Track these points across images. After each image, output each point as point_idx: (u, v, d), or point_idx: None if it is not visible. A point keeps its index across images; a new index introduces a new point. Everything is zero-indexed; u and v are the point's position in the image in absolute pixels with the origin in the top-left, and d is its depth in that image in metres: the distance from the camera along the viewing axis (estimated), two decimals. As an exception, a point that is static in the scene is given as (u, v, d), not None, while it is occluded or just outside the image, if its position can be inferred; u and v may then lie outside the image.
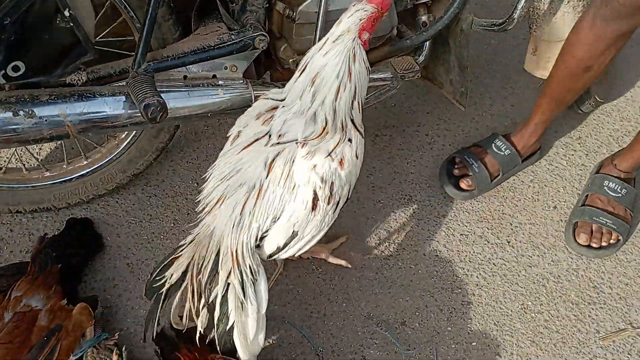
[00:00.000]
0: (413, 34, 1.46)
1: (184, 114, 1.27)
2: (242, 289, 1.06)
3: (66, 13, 1.01)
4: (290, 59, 1.36)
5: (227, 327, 1.07)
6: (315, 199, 1.07)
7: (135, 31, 1.27)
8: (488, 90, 1.91)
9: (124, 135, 1.46)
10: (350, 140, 1.08)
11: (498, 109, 1.86)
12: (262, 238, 1.10)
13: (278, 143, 1.07)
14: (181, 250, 1.11)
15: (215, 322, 1.08)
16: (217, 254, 1.08)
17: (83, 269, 1.42)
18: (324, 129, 1.07)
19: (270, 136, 1.08)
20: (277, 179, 1.06)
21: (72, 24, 1.03)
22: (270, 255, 1.14)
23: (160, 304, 1.10)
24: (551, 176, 1.72)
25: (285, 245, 1.12)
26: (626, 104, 1.91)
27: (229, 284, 1.07)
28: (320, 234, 1.14)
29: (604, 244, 1.52)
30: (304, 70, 1.08)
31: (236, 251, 1.07)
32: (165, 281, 1.10)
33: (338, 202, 1.11)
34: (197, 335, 1.11)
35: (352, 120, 1.09)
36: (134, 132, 1.43)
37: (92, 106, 1.18)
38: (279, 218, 1.08)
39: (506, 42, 2.04)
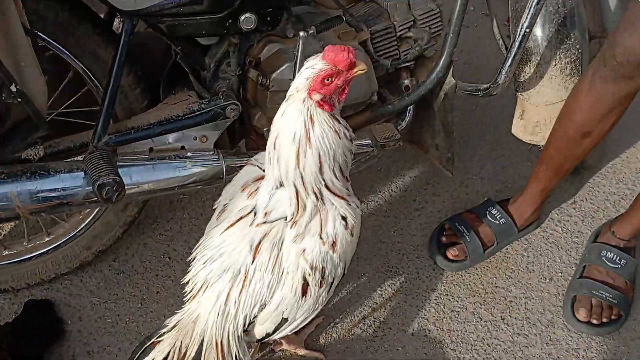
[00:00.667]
0: (395, 99, 1.39)
1: (148, 188, 1.18)
2: None
3: (12, 88, 0.93)
4: (265, 127, 1.28)
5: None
6: (305, 284, 0.99)
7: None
8: (477, 152, 1.84)
9: (88, 210, 1.36)
10: (344, 218, 0.99)
11: (488, 172, 1.78)
12: (249, 323, 1.04)
13: (265, 222, 0.98)
14: (163, 335, 1.03)
15: None
16: (201, 344, 1.00)
17: (39, 359, 1.29)
18: (297, 198, 0.97)
19: (255, 214, 0.99)
20: (264, 265, 0.98)
21: (20, 100, 0.96)
22: (260, 340, 1.08)
23: None
24: (546, 244, 1.62)
25: (276, 330, 1.05)
26: (622, 165, 1.83)
27: None
28: (313, 314, 1.07)
29: (604, 320, 1.41)
30: (270, 133, 0.97)
31: (221, 342, 1.00)
32: None
33: (332, 282, 1.04)
34: None
35: (329, 189, 0.98)
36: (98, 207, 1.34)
37: (46, 184, 1.09)
38: (266, 305, 1.01)
39: (495, 101, 1.98)
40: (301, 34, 1.18)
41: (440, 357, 1.37)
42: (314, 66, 0.91)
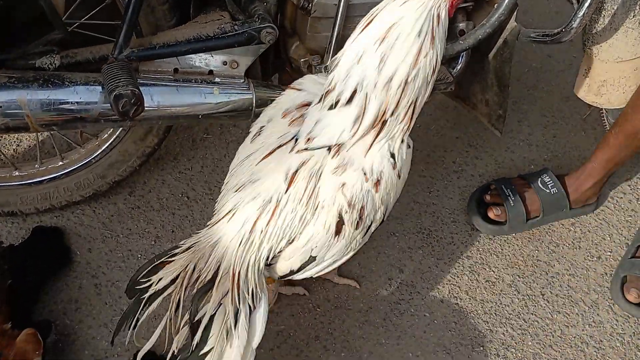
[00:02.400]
0: (449, 42, 1.25)
1: (169, 112, 1.07)
2: (235, 315, 0.89)
3: (26, -24, 0.83)
4: (302, 58, 1.16)
5: (201, 353, 0.87)
6: (340, 222, 0.89)
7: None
8: (527, 117, 1.69)
9: (106, 135, 1.27)
10: (393, 156, 0.87)
11: (537, 139, 1.64)
12: (273, 257, 0.94)
13: (306, 149, 0.87)
14: (174, 255, 0.93)
15: (193, 345, 0.88)
16: (216, 271, 0.90)
17: (42, 286, 1.22)
18: (383, 116, 0.82)
19: (297, 140, 0.88)
20: (298, 195, 0.87)
21: (33, -10, 0.85)
22: (282, 277, 0.98)
23: (140, 309, 0.91)
24: (595, 221, 1.48)
25: (301, 269, 0.95)
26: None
27: (221, 304, 0.89)
28: (344, 258, 0.97)
29: (658, 304, 1.28)
30: (367, 25, 0.82)
31: (239, 273, 0.90)
32: (151, 285, 0.91)
33: (369, 226, 0.93)
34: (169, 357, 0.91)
35: (414, 108, 0.85)
36: (117, 132, 1.24)
37: (59, 94, 0.99)
38: (294, 240, 0.91)
39: (550, 65, 1.82)
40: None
41: (470, 327, 1.26)
42: None
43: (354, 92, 0.83)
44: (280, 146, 0.89)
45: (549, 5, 2.00)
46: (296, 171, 0.87)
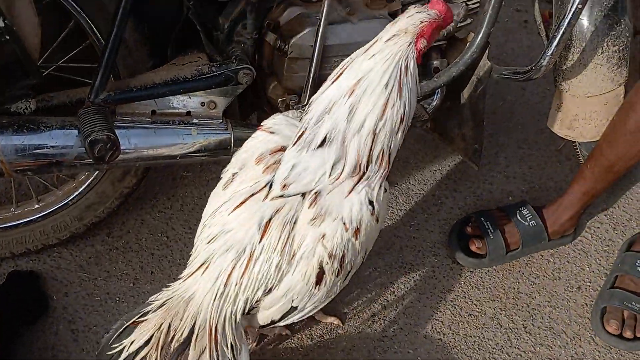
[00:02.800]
0: (424, 80, 1.28)
1: (147, 154, 1.07)
2: None
3: (0, 22, 0.82)
4: (280, 98, 1.18)
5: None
6: (320, 272, 0.88)
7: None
8: (503, 149, 1.71)
9: (83, 177, 1.26)
10: (371, 203, 0.88)
11: (514, 171, 1.66)
12: (251, 308, 0.92)
13: (281, 196, 0.87)
14: (145, 314, 0.91)
15: None
16: (192, 328, 0.89)
17: (18, 333, 1.18)
18: (358, 166, 0.84)
19: (271, 186, 0.88)
20: (272, 245, 0.87)
21: (7, 37, 0.85)
22: (263, 327, 0.97)
23: None
24: (574, 251, 1.49)
25: (282, 318, 0.95)
26: (658, 173, 1.71)
27: None
28: (324, 303, 0.97)
29: (638, 334, 1.28)
30: (337, 78, 0.85)
31: (215, 327, 0.89)
32: (123, 349, 0.89)
33: (349, 271, 0.93)
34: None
35: (389, 156, 0.87)
36: (94, 173, 1.23)
37: (34, 139, 0.99)
38: (272, 289, 0.90)
39: (524, 98, 1.86)
40: (326, -4, 1.07)
41: (454, 363, 1.26)
42: (428, 12, 0.82)
43: (325, 138, 0.84)
44: (252, 194, 0.88)
45: (522, 39, 2.06)
46: (269, 220, 0.86)
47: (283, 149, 0.90)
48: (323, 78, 1.15)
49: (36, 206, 1.27)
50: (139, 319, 0.90)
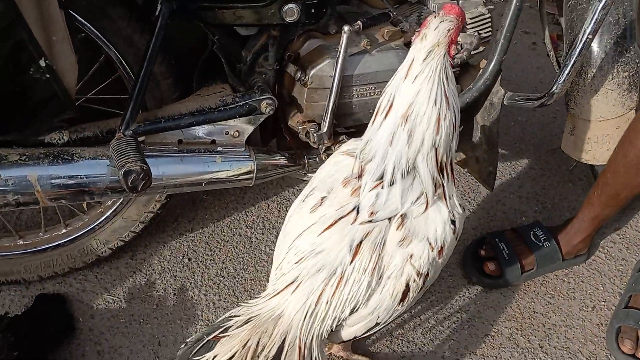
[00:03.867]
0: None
1: (174, 182, 1.11)
2: None
3: (42, 63, 0.87)
4: (300, 126, 1.21)
5: None
6: (406, 290, 0.92)
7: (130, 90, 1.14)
8: (516, 170, 1.75)
9: (109, 202, 1.30)
10: (453, 222, 0.93)
11: (527, 192, 1.69)
12: (337, 325, 0.95)
13: (370, 221, 0.90)
14: (229, 329, 0.91)
15: None
16: (281, 345, 0.91)
17: (46, 355, 1.22)
18: (434, 185, 0.89)
19: (358, 212, 0.91)
20: (363, 266, 0.90)
21: (48, 76, 0.90)
22: (345, 341, 1.02)
23: None
24: (588, 271, 1.51)
25: (365, 333, 0.98)
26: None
27: None
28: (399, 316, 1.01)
29: (655, 355, 1.30)
30: (389, 110, 0.88)
31: (305, 344, 0.92)
32: None
33: (427, 287, 0.97)
34: None
35: (451, 164, 0.92)
36: (120, 199, 1.27)
37: (68, 170, 1.03)
38: (359, 308, 0.93)
39: (535, 119, 1.90)
40: (346, 28, 1.12)
41: (472, 384, 1.28)
42: (449, 19, 0.85)
43: (394, 171, 0.88)
44: (341, 218, 0.91)
45: (531, 61, 2.10)
46: (360, 242, 0.89)
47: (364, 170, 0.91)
48: (342, 107, 1.21)
49: (64, 231, 1.31)
50: (221, 334, 0.90)
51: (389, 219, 0.90)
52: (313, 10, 1.13)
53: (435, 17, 0.89)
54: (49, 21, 0.88)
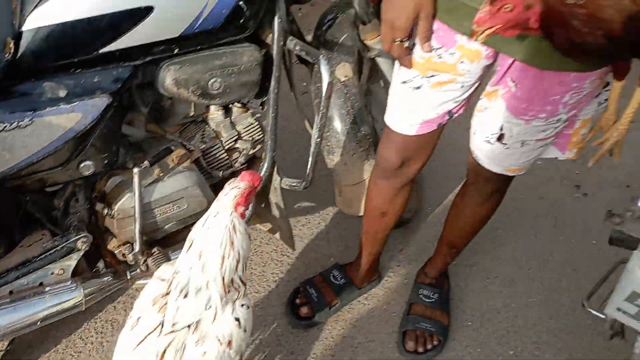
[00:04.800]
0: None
1: (10, 329, 1.32)
2: None
3: None
4: (117, 249, 1.47)
5: None
6: None
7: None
8: (323, 217, 2.10)
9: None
10: (237, 319, 1.18)
11: (333, 235, 2.05)
12: None
13: (171, 331, 1.15)
14: None
15: None
16: None
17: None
18: (222, 297, 1.15)
19: (162, 325, 1.16)
20: None
21: None
22: None
23: None
24: (382, 290, 1.92)
25: None
26: (434, 217, 2.18)
27: None
28: None
29: (428, 347, 1.73)
30: (190, 247, 1.17)
31: None
32: None
33: None
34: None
35: (240, 278, 1.20)
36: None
37: None
38: None
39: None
40: (135, 170, 1.38)
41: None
42: (239, 186, 1.16)
43: (193, 289, 1.16)
44: (150, 332, 1.16)
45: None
46: (164, 351, 1.14)
47: (169, 292, 1.18)
48: (148, 226, 1.49)
49: None
50: None
51: (188, 326, 1.18)
52: (106, 161, 1.38)
53: (229, 183, 1.20)
54: None
